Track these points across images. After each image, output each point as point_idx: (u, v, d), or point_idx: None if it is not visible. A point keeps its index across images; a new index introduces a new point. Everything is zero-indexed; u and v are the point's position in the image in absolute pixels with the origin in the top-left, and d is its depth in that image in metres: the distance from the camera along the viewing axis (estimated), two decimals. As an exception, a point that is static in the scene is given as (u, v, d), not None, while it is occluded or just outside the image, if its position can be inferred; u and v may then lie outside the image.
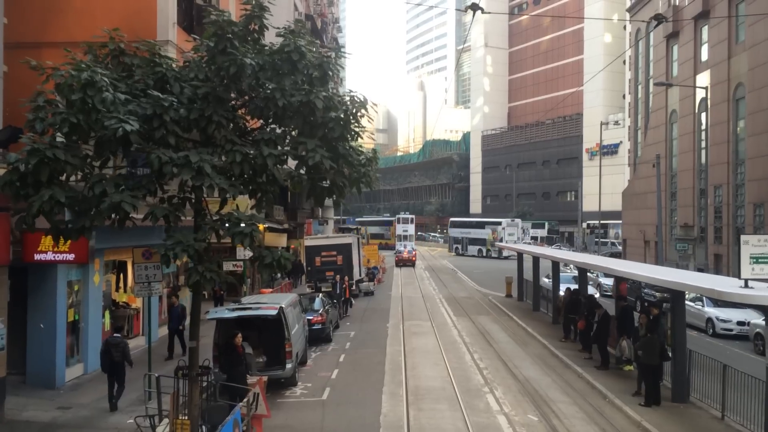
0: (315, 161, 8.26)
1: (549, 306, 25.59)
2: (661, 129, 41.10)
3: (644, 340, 13.18)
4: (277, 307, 13.84)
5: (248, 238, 7.87)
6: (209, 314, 13.79)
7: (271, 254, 8.34)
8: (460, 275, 46.52)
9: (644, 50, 47.07)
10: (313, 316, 20.16)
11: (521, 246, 37.98)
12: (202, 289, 8.62)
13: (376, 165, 9.99)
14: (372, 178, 9.78)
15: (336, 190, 9.41)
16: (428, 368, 16.65)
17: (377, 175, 10.78)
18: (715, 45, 34.03)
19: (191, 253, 7.76)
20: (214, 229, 8.21)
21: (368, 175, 9.44)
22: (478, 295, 33.82)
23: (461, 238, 71.75)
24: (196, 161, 7.62)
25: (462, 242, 70.89)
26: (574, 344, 19.40)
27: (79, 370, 15.86)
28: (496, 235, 64.88)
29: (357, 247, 34.71)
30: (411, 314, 26.88)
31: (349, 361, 17.86)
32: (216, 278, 8.03)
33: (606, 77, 76.83)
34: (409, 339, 20.96)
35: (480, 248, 66.80)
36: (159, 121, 7.93)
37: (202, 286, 8.27)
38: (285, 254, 8.45)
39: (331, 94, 8.82)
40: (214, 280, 8.05)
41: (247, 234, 7.87)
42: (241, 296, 25.32)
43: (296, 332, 15.55)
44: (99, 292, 16.68)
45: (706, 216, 33.41)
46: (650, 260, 41.59)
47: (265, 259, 8.29)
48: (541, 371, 16.29)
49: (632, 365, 16.05)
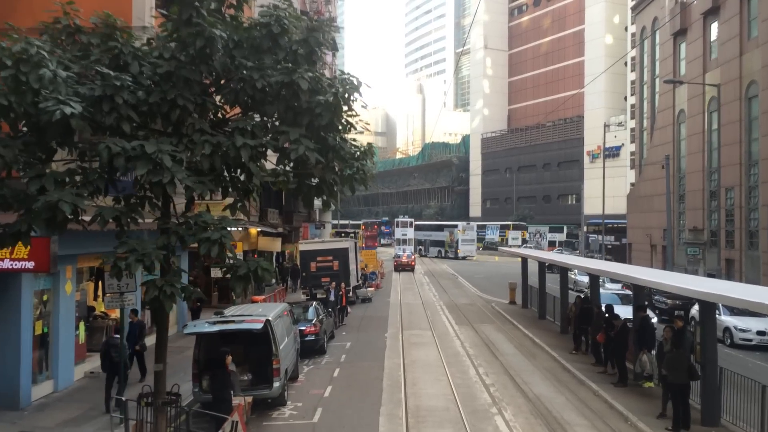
0: (298, 154, 6.95)
1: (556, 314, 24.28)
2: (668, 130, 39.85)
3: (671, 356, 11.83)
4: (263, 319, 12.49)
5: (216, 245, 6.53)
6: (187, 328, 12.43)
7: (246, 265, 7.01)
8: (460, 280, 45.16)
9: (650, 49, 45.86)
10: (306, 327, 18.81)
11: (525, 250, 36.64)
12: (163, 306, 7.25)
13: (373, 160, 8.65)
14: (367, 175, 8.43)
15: (326, 188, 8.06)
16: (430, 384, 15.30)
17: (373, 172, 9.47)
18: (726, 42, 32.80)
19: (147, 264, 6.42)
20: (178, 235, 6.87)
21: (363, 171, 8.09)
22: (480, 302, 32.47)
23: (424, 240, 74.45)
24: (153, 152, 6.28)
25: (425, 244, 73.66)
26: (586, 357, 18.07)
27: (48, 387, 14.50)
28: (453, 237, 68.69)
29: (354, 252, 33.36)
30: (410, 323, 25.53)
31: (344, 376, 16.50)
32: (178, 294, 6.69)
33: (607, 79, 75.65)
34: (408, 350, 19.61)
35: (439, 249, 70.79)
36: (110, 104, 6.61)
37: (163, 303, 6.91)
38: (263, 264, 7.11)
39: (318, 75, 7.49)
40: (175, 296, 6.70)
41: (215, 241, 6.53)
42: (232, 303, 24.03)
43: (286, 346, 14.21)
44: (72, 302, 15.33)
45: (718, 219, 32.12)
46: (657, 265, 40.31)
47: (238, 269, 6.96)
48: (553, 388, 14.94)
49: (652, 382, 14.75)
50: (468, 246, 67.91)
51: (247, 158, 6.80)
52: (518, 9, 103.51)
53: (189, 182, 6.56)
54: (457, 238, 67.60)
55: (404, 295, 36.07)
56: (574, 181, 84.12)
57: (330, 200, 8.31)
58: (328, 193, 8.26)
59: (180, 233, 6.84)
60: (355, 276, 32.56)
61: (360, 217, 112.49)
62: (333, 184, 8.29)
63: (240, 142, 6.75)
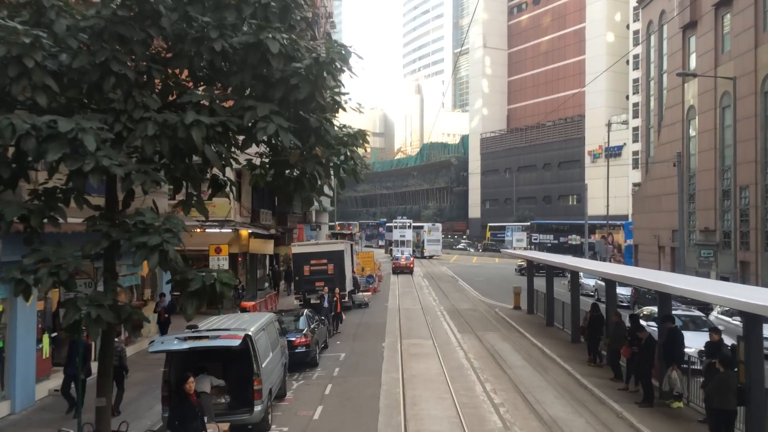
0: (267, 134, 5.39)
1: (565, 320, 22.72)
2: (677, 127, 38.30)
3: (719, 377, 10.23)
4: (241, 335, 10.89)
5: (156, 254, 4.94)
6: (152, 345, 10.83)
7: (201, 278, 5.42)
8: (461, 283, 43.59)
9: (657, 44, 44.32)
10: (296, 338, 17.24)
11: (532, 253, 35.08)
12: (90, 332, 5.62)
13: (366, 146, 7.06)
14: (359, 165, 6.85)
15: (306, 181, 6.47)
16: (432, 404, 13.71)
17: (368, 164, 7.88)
18: (740, 34, 31.26)
19: (64, 279, 4.84)
20: (110, 238, 5.29)
21: (353, 159, 6.50)
22: (483, 307, 30.88)
23: (397, 239, 75.52)
24: (69, 130, 4.70)
25: (397, 244, 74.40)
26: (603, 369, 16.50)
27: (5, 409, 12.92)
28: (419, 237, 71.34)
29: (350, 255, 31.74)
30: (410, 330, 23.94)
31: (336, 393, 14.91)
32: (108, 318, 5.10)
33: (609, 77, 74.23)
34: (408, 363, 18.03)
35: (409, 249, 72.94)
36: (19, 68, 5.02)
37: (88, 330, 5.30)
38: (223, 276, 5.51)
39: (295, 37, 5.90)
40: (103, 320, 5.11)
41: (155, 247, 4.94)
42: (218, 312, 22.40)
43: (270, 363, 12.62)
44: (32, 312, 13.74)
45: (732, 219, 30.58)
46: (665, 267, 38.76)
47: (190, 284, 5.37)
48: (570, 408, 13.36)
49: (681, 402, 13.19)
50: (434, 246, 71.50)
51: (200, 140, 5.23)
52: (518, 7, 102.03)
53: (121, 171, 4.99)
54: (423, 238, 70.95)
55: (403, 299, 34.48)
56: (575, 181, 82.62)
57: (311, 196, 6.70)
58: (309, 186, 6.68)
59: (113, 236, 5.28)
60: (351, 280, 30.94)
61: (358, 218, 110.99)
62: (316, 176, 6.70)
63: (190, 119, 5.19)
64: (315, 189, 6.92)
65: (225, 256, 20.36)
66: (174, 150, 5.48)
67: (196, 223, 23.70)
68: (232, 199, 29.01)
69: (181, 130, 5.22)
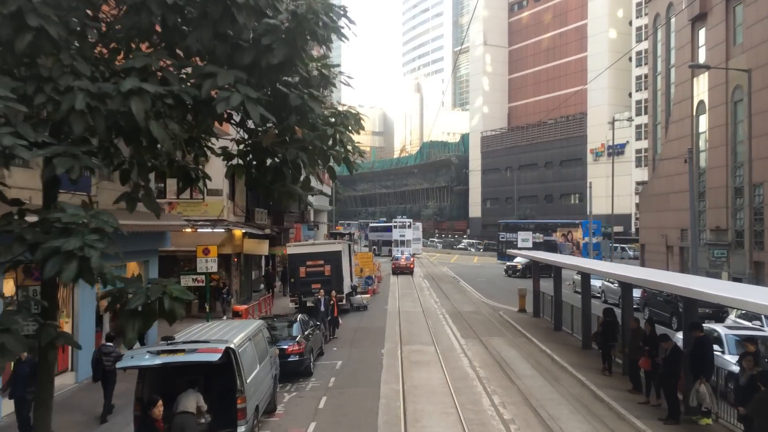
0: (230, 106, 4.18)
1: (573, 324, 21.52)
2: (686, 122, 37.09)
3: (759, 396, 9.04)
4: (221, 348, 9.68)
5: (74, 263, 3.73)
6: (121, 361, 9.63)
7: (145, 293, 4.20)
8: (462, 284, 42.38)
9: (663, 37, 43.10)
10: (289, 345, 16.03)
11: (536, 253, 33.87)
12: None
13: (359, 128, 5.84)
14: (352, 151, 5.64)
15: (287, 171, 5.26)
16: (436, 421, 12.50)
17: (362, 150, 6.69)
18: (753, 25, 30.06)
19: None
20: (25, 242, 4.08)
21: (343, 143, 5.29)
22: (487, 310, 29.68)
23: (377, 240, 77.38)
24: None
25: (378, 244, 76.48)
26: (619, 379, 15.30)
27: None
28: None
29: (348, 255, 30.52)
30: (410, 335, 22.73)
31: (331, 407, 13.70)
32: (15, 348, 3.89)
33: (611, 75, 73.03)
34: (408, 372, 16.82)
35: (389, 248, 73.37)
36: None
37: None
38: (174, 289, 4.28)
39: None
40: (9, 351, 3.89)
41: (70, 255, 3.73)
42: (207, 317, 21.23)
43: (257, 377, 11.41)
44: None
45: (745, 218, 29.37)
46: (673, 268, 37.57)
47: (130, 301, 4.16)
48: (588, 426, 12.14)
49: (710, 418, 12.00)
50: (415, 244, 72.96)
51: (141, 114, 4.02)
52: (518, 4, 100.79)
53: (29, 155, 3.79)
54: None
55: (403, 301, 33.27)
56: (577, 179, 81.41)
57: (294, 189, 5.48)
58: (291, 178, 5.48)
59: (27, 239, 4.08)
60: (349, 282, 29.71)
61: (357, 217, 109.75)
62: (300, 164, 5.50)
63: (128, 86, 3.99)
64: (298, 179, 5.72)
65: (214, 258, 19.17)
66: (113, 129, 4.31)
67: (184, 223, 22.52)
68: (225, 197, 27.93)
69: (116, 101, 4.03)
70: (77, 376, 15.71)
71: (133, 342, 4.21)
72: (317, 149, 5.20)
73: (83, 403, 13.68)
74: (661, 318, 24.73)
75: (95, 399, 13.28)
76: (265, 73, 4.64)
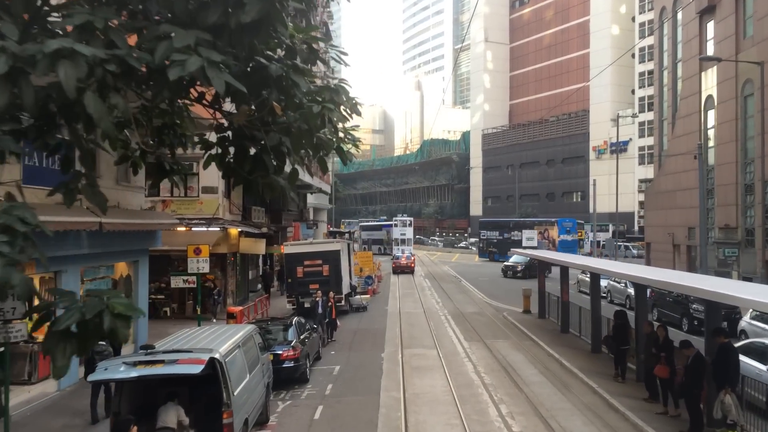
0: (186, 72, 3.30)
1: (582, 326, 20.67)
2: (694, 118, 36.20)
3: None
4: (205, 358, 8.81)
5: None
6: (93, 374, 8.77)
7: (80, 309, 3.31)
8: (464, 284, 41.53)
9: (670, 32, 42.17)
10: (284, 351, 15.17)
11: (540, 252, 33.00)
12: None
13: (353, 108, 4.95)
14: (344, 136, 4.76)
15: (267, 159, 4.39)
16: (439, 433, 11.66)
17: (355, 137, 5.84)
18: (764, 17, 29.18)
19: None
20: None
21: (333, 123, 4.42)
22: (490, 310, 28.80)
23: (367, 239, 76.80)
24: None
25: (368, 242, 76.08)
26: (632, 387, 14.44)
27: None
28: (389, 235, 71.85)
29: (347, 255, 29.66)
30: (412, 338, 21.87)
31: (327, 417, 12.84)
32: None
33: (614, 71, 72.12)
34: (410, 378, 15.96)
35: (379, 247, 74.60)
36: None
37: None
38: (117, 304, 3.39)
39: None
40: None
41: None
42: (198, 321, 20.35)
43: (246, 388, 10.54)
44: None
45: (757, 216, 28.50)
46: (680, 267, 36.71)
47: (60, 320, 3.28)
48: (604, 439, 11.29)
49: (735, 431, 11.11)
50: None
51: (71, 83, 3.14)
52: (519, 1, 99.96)
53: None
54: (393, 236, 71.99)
55: (404, 302, 32.40)
56: (579, 177, 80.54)
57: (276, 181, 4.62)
58: (273, 168, 4.62)
59: None
60: (348, 282, 28.84)
61: (357, 216, 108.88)
62: (284, 151, 4.63)
63: (54, 47, 3.12)
64: (282, 171, 4.86)
65: (206, 258, 18.28)
66: (44, 101, 3.44)
67: (175, 221, 21.65)
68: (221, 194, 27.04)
69: (41, 65, 3.16)
70: (60, 383, 14.87)
71: (64, 371, 3.34)
72: (303, 132, 4.35)
73: (74, 406, 12.85)
74: (671, 319, 23.89)
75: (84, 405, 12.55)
76: (236, 34, 3.77)
